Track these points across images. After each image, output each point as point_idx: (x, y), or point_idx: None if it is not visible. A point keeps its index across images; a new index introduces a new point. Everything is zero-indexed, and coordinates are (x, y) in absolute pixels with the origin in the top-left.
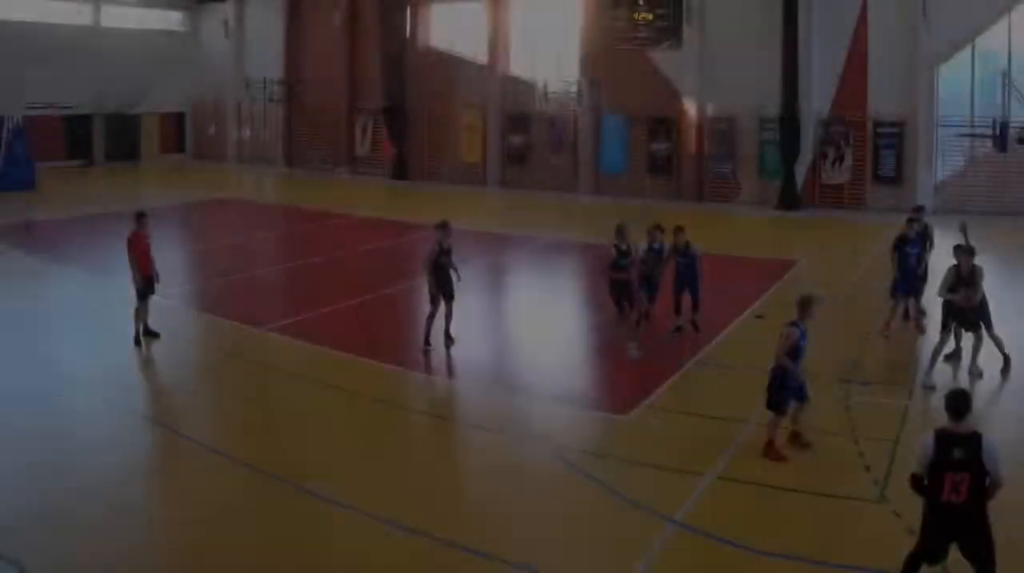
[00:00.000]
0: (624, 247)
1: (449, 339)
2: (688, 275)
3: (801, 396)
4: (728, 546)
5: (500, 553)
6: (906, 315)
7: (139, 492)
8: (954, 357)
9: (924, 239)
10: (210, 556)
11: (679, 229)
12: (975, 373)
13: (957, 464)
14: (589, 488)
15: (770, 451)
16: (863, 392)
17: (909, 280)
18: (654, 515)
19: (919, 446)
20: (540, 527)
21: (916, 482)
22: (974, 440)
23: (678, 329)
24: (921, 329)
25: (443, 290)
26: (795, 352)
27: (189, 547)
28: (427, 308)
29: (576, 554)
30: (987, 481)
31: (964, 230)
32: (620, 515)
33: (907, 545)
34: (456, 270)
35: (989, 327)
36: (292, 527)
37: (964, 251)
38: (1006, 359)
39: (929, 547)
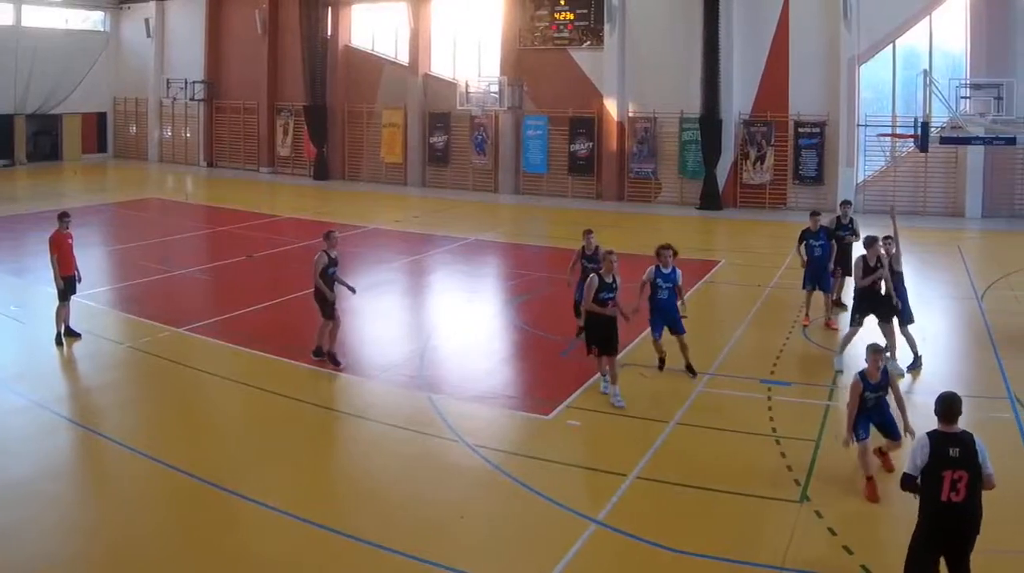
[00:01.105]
0: (610, 280)
1: (336, 364)
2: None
3: (887, 434)
4: (651, 546)
5: (421, 553)
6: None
7: (59, 493)
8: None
9: (848, 232)
10: (129, 556)
11: (587, 232)
12: (895, 373)
13: (954, 462)
14: (511, 488)
15: (865, 487)
16: (784, 392)
17: (816, 272)
18: (577, 515)
19: (913, 448)
20: (462, 527)
21: (908, 481)
22: (967, 438)
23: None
24: (835, 327)
25: (332, 303)
26: (862, 401)
27: (109, 548)
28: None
29: (498, 554)
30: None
31: (892, 216)
32: (543, 515)
33: (829, 545)
34: (346, 283)
35: (903, 322)
36: (211, 526)
37: (867, 241)
38: (916, 358)
39: (922, 555)
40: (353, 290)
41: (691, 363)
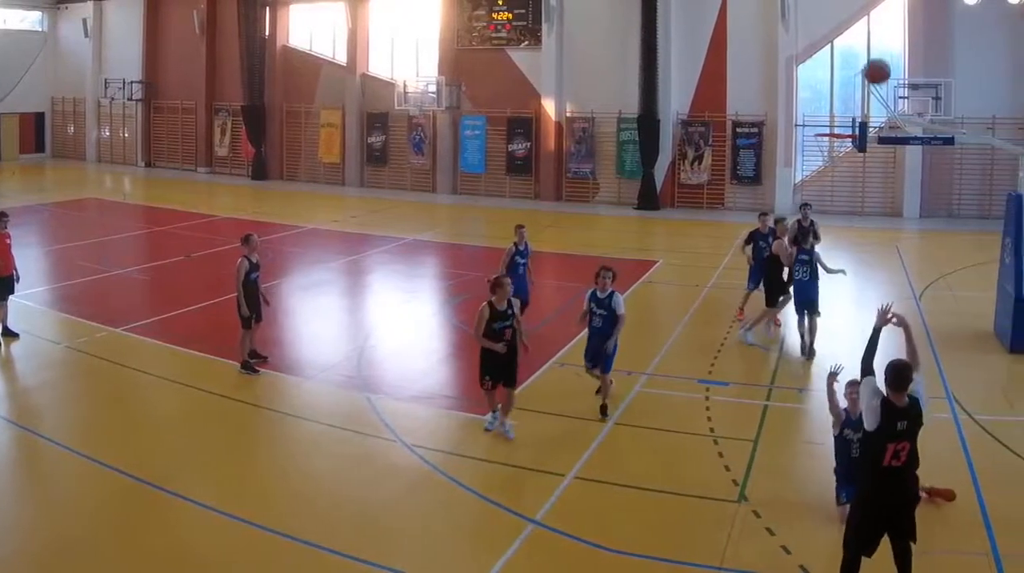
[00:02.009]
0: (503, 307)
1: (260, 358)
2: (522, 286)
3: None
4: (589, 546)
5: (359, 553)
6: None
7: None
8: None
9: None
10: (66, 556)
11: (519, 227)
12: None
13: (900, 435)
14: (449, 488)
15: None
16: (722, 392)
17: (763, 271)
18: (514, 515)
19: (869, 405)
20: (399, 527)
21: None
22: (915, 411)
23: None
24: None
25: (255, 309)
26: (845, 445)
27: (45, 547)
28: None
29: (436, 554)
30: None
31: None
32: (481, 515)
33: (767, 545)
34: (264, 296)
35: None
36: (147, 525)
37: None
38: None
39: (863, 526)
40: (267, 302)
41: (607, 404)
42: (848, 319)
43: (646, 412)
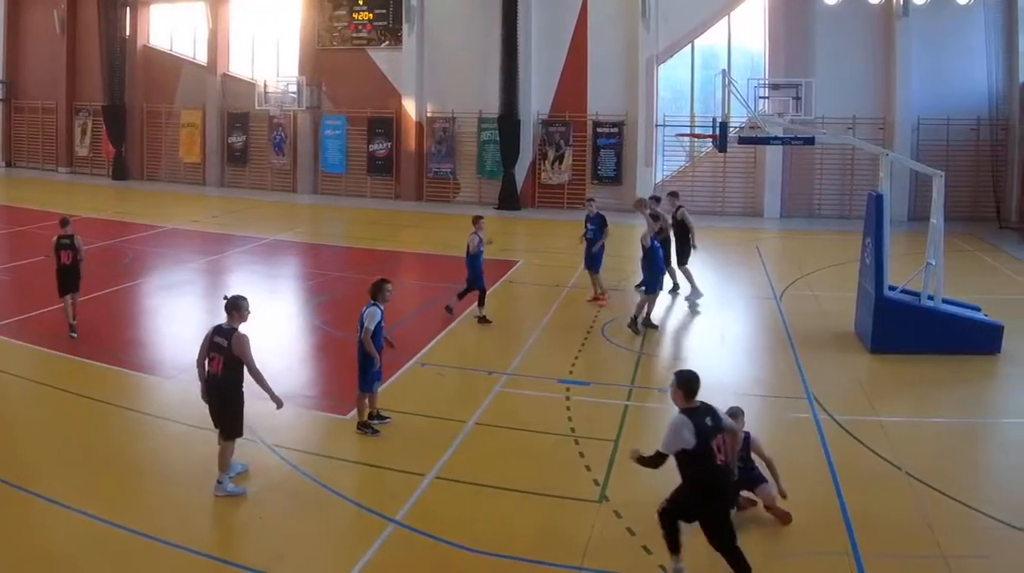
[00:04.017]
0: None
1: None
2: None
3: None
4: (449, 546)
5: (220, 553)
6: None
7: None
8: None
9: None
10: None
11: (477, 218)
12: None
13: (714, 429)
14: (309, 488)
15: None
16: (582, 392)
17: (587, 253)
18: (375, 515)
19: (675, 428)
20: (260, 527)
21: (661, 459)
22: (709, 407)
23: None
24: (603, 303)
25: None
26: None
27: None
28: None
29: (296, 554)
30: None
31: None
32: (341, 515)
33: (628, 544)
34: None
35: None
36: (6, 525)
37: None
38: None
39: (687, 514)
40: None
41: (370, 421)
42: (707, 320)
43: (506, 412)
